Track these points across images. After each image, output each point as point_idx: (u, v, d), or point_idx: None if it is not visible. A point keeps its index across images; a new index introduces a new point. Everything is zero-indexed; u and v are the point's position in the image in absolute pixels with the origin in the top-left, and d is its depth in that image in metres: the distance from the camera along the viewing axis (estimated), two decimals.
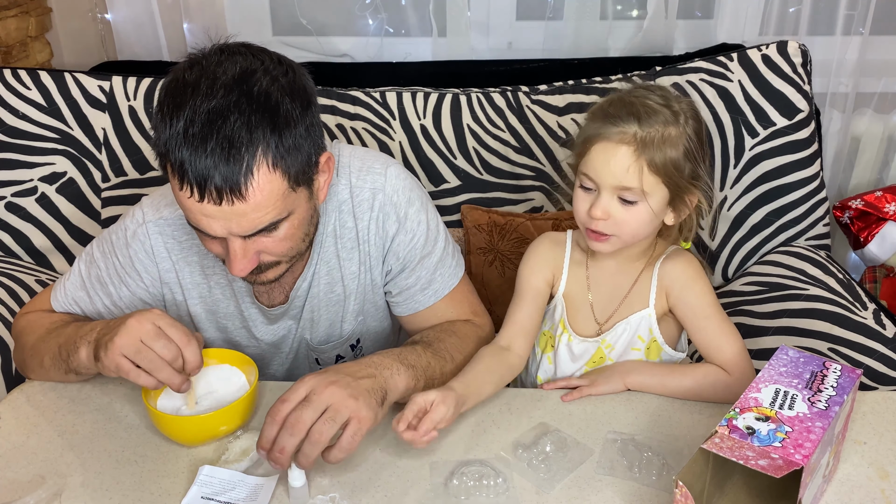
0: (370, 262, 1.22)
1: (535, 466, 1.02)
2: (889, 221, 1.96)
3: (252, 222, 0.99)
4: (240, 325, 1.27)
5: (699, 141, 1.12)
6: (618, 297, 1.23)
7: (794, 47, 1.79)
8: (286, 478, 0.99)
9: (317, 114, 1.03)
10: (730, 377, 1.13)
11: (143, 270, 1.22)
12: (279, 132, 0.96)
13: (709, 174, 1.15)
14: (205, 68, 0.96)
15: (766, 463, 0.81)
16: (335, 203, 1.19)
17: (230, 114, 0.93)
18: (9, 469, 1.04)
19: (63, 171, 1.87)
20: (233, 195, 0.95)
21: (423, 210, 1.22)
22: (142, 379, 1.01)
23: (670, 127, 1.09)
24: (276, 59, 1.00)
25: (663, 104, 1.10)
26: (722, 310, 1.18)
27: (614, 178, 1.09)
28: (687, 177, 1.11)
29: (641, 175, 1.08)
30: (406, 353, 1.09)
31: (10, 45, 2.06)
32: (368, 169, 1.20)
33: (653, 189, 1.09)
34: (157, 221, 1.20)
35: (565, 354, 1.25)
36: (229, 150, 0.93)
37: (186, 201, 0.97)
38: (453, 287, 1.26)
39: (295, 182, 1.00)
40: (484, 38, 2.17)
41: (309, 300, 1.24)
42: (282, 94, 0.97)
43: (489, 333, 1.28)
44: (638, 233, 1.14)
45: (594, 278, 1.24)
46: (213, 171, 0.93)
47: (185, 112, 0.93)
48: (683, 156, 1.09)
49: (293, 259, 1.11)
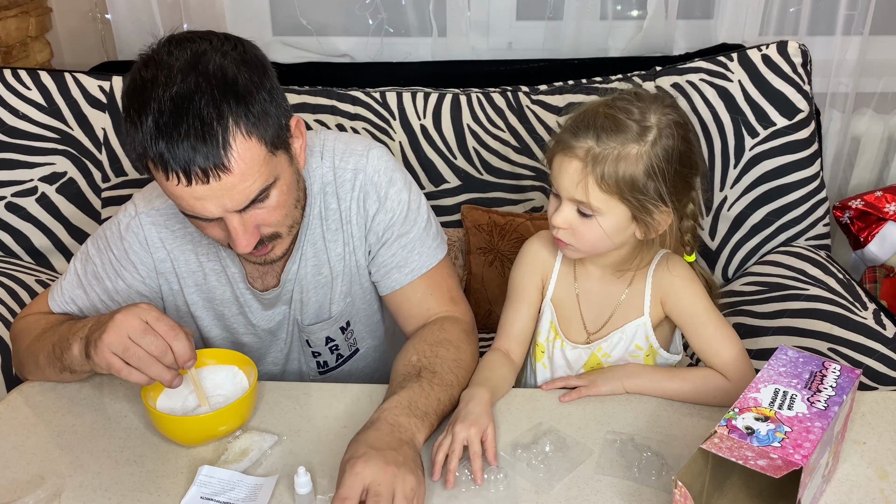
0: (353, 242, 1.24)
1: (534, 466, 1.02)
2: (889, 221, 1.96)
3: (242, 193, 1.00)
4: (237, 311, 1.28)
5: (678, 159, 1.08)
6: (607, 306, 1.22)
7: (794, 47, 1.79)
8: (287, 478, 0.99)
9: (274, 79, 1.05)
10: (729, 382, 1.13)
11: (139, 262, 1.22)
12: (244, 102, 0.98)
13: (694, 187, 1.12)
14: (158, 62, 0.98)
15: (765, 463, 0.81)
16: (320, 185, 1.21)
17: (193, 95, 0.95)
18: (8, 469, 1.04)
19: (63, 171, 1.87)
20: (218, 170, 0.97)
21: (405, 190, 1.23)
22: (133, 376, 1.01)
23: (630, 145, 1.05)
24: (222, 37, 1.02)
25: (634, 119, 1.07)
26: (718, 313, 1.17)
27: (567, 190, 1.09)
28: (652, 195, 1.07)
29: (589, 191, 1.06)
30: (416, 399, 1.06)
31: (10, 45, 2.07)
32: (351, 151, 1.22)
33: (606, 205, 1.07)
34: (149, 212, 1.21)
35: (560, 360, 1.25)
36: (202, 129, 0.95)
37: (176, 189, 0.99)
38: (431, 267, 1.25)
39: (273, 146, 1.02)
40: (484, 38, 2.18)
41: (297, 282, 1.25)
42: (237, 66, 0.99)
43: (470, 323, 1.28)
44: (596, 246, 1.12)
45: (582, 284, 1.23)
46: (194, 154, 0.95)
47: (152, 106, 0.95)
48: (644, 174, 1.06)
49: (291, 229, 1.13)
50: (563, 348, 1.24)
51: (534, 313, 1.25)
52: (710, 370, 1.15)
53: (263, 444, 1.06)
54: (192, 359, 1.02)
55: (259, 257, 1.12)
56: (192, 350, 1.02)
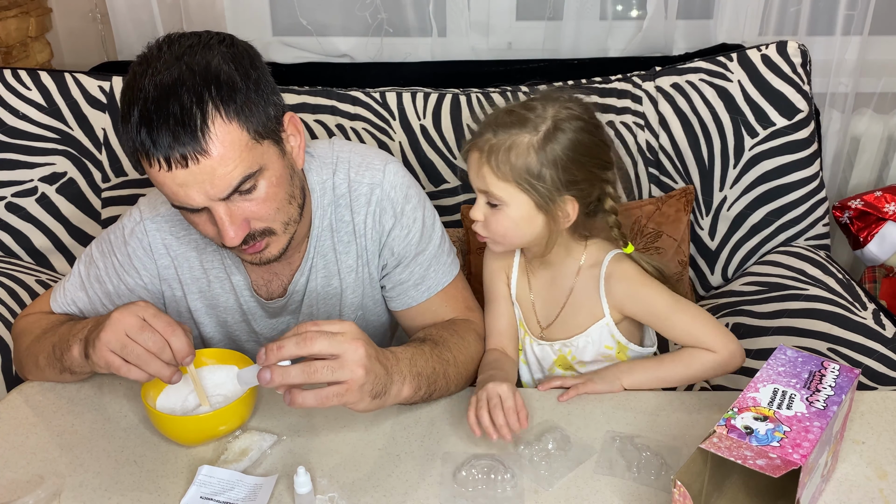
0: (367, 255, 1.24)
1: (535, 463, 1.02)
2: (889, 221, 1.96)
3: (224, 179, 1.00)
4: (239, 318, 1.28)
5: (574, 149, 1.11)
6: (556, 301, 1.25)
7: (794, 47, 1.79)
8: (286, 478, 0.99)
9: (264, 74, 1.05)
10: (717, 354, 1.16)
11: (142, 267, 1.22)
12: (227, 91, 0.99)
13: (605, 179, 1.16)
14: (149, 59, 1.00)
15: (764, 462, 0.81)
16: (332, 197, 1.21)
17: (176, 84, 0.96)
18: (8, 469, 1.04)
19: (63, 171, 1.87)
20: (196, 153, 0.97)
21: (420, 207, 1.23)
22: (132, 373, 1.01)
23: (523, 135, 1.11)
24: (213, 34, 1.04)
25: (535, 113, 1.12)
26: (680, 299, 1.18)
27: (473, 181, 1.16)
28: (550, 184, 1.11)
29: (487, 179, 1.12)
30: (417, 357, 1.07)
31: (10, 45, 2.07)
32: (368, 165, 1.21)
33: (507, 195, 1.12)
34: (154, 218, 1.21)
35: (531, 356, 1.29)
36: (181, 113, 0.96)
37: (159, 176, 0.99)
38: (447, 284, 1.27)
39: (257, 134, 1.02)
40: (484, 38, 2.17)
41: (307, 295, 1.25)
42: (222, 58, 1.00)
43: (482, 326, 1.29)
44: (508, 236, 1.17)
45: (533, 281, 1.27)
46: (172, 139, 0.96)
47: (138, 97, 0.97)
48: (538, 163, 1.10)
49: (287, 226, 1.11)
50: (531, 344, 1.27)
51: (511, 309, 1.28)
52: (695, 349, 1.17)
53: (263, 443, 1.06)
54: (191, 355, 1.02)
55: (254, 255, 1.11)
56: (190, 346, 1.02)
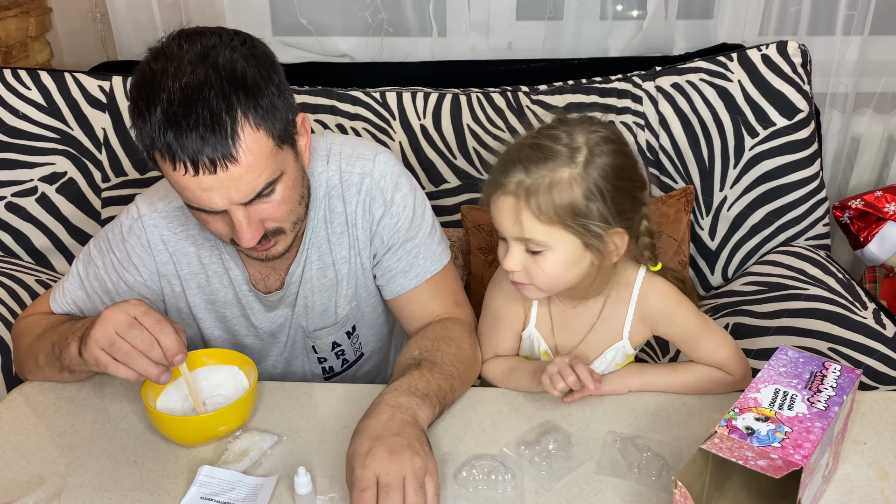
0: (359, 245, 1.24)
1: (536, 464, 1.02)
2: (889, 221, 1.96)
3: (249, 185, 1.00)
4: (238, 313, 1.28)
5: (616, 175, 1.02)
6: (580, 330, 1.20)
7: (794, 47, 1.79)
8: (287, 478, 0.99)
9: (282, 75, 1.06)
10: (731, 376, 1.15)
11: (141, 264, 1.22)
12: (253, 95, 0.98)
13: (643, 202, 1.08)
14: (168, 55, 0.99)
15: (765, 463, 0.81)
16: (325, 189, 1.21)
17: (203, 87, 0.96)
18: (8, 469, 1.04)
19: (63, 171, 1.87)
20: (226, 161, 0.97)
21: (411, 195, 1.24)
22: (121, 371, 1.00)
23: (561, 170, 1.00)
24: (231, 33, 1.03)
25: (562, 143, 1.02)
26: (707, 320, 1.16)
27: (508, 230, 1.04)
28: (596, 218, 1.02)
29: (528, 226, 1.02)
30: (415, 383, 1.06)
31: (10, 45, 2.07)
32: (358, 155, 1.22)
33: (551, 238, 1.02)
34: (151, 215, 1.21)
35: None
36: (211, 119, 0.95)
37: (182, 180, 0.99)
38: (436, 272, 1.26)
39: (280, 140, 1.03)
40: (484, 38, 2.17)
41: (303, 285, 1.25)
42: (246, 61, 1.00)
43: (472, 324, 1.29)
44: (557, 281, 1.06)
45: (556, 314, 1.20)
46: (202, 144, 0.95)
47: (161, 97, 0.96)
48: (583, 197, 1.01)
49: (295, 225, 1.13)
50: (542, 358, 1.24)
51: (517, 339, 1.24)
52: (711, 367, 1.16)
53: (263, 444, 1.06)
54: (181, 353, 1.01)
55: (261, 252, 1.12)
56: (180, 344, 1.01)
